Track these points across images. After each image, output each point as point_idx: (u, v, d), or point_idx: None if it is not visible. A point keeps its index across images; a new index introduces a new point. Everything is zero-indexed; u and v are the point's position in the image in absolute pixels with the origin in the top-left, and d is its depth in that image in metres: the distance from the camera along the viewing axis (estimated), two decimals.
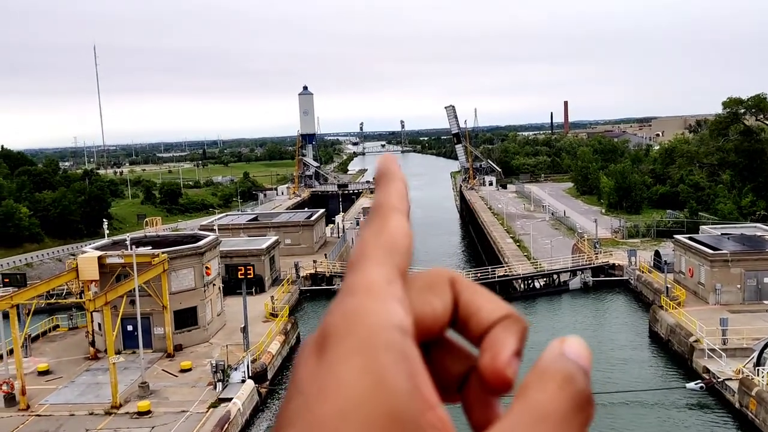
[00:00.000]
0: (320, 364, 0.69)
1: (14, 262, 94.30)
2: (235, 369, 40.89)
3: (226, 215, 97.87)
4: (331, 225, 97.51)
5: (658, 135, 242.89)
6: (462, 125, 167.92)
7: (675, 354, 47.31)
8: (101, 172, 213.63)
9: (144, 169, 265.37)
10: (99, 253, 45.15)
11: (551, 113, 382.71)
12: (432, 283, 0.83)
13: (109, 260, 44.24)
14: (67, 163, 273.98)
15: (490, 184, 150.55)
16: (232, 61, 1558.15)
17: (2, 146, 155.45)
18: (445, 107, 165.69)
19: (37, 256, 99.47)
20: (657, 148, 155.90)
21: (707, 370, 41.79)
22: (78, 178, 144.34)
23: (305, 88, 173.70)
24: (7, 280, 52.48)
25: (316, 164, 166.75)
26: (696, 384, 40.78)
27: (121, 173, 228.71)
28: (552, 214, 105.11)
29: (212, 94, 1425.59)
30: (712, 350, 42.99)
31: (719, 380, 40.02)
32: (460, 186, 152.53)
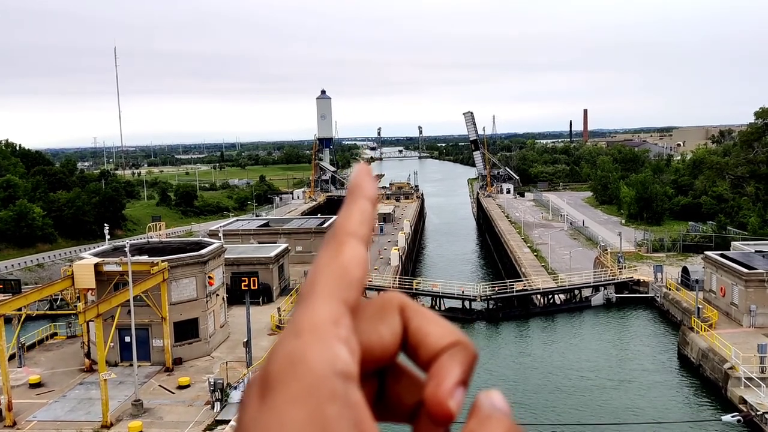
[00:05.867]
0: (263, 408, 0.68)
1: (26, 262, 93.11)
2: (235, 388, 38.35)
3: (237, 220, 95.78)
4: None
5: (679, 145, 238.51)
6: (480, 132, 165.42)
7: (707, 381, 43.99)
8: (119, 172, 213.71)
9: (162, 171, 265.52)
10: (96, 260, 42.93)
11: (570, 121, 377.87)
12: (381, 310, 0.83)
13: (106, 268, 42.02)
14: (86, 164, 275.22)
15: (508, 191, 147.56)
16: (252, 65, 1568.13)
17: (19, 145, 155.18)
18: (464, 113, 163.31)
19: (50, 256, 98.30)
20: (678, 158, 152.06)
21: (744, 401, 38.51)
22: (95, 178, 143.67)
23: (323, 92, 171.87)
24: (0, 286, 50.56)
25: (332, 169, 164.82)
26: (733, 417, 37.44)
27: (139, 174, 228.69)
28: (570, 223, 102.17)
29: (232, 96, 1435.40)
30: (750, 379, 39.70)
31: (759, 413, 36.73)
32: (477, 193, 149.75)
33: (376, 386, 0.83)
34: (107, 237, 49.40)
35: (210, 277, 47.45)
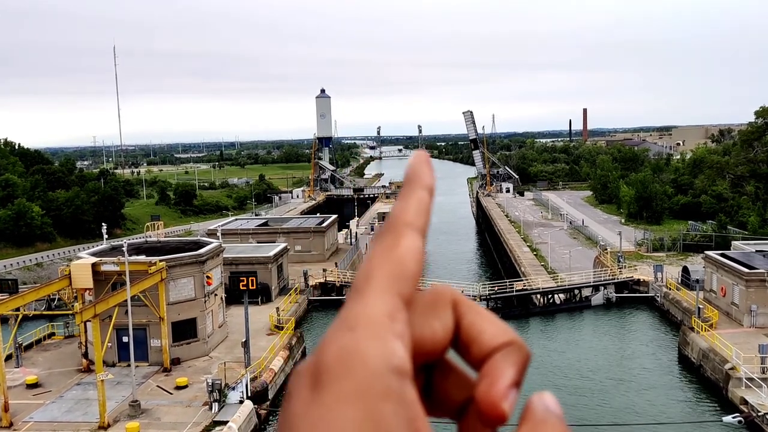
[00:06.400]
0: (315, 402, 0.67)
1: (25, 261, 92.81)
2: (233, 388, 38.12)
3: (236, 219, 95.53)
4: (345, 230, 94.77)
5: (678, 144, 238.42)
6: (479, 131, 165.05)
7: (708, 382, 43.78)
8: (118, 172, 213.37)
9: (161, 170, 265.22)
10: (94, 259, 42.68)
11: (570, 120, 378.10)
12: (434, 303, 0.81)
13: (103, 267, 41.76)
14: (85, 163, 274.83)
15: (507, 191, 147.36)
16: (252, 64, 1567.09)
17: (18, 144, 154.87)
18: (463, 113, 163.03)
19: (48, 255, 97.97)
20: (677, 157, 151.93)
21: (745, 402, 38.30)
22: (94, 177, 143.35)
23: (323, 91, 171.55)
24: None
25: (332, 168, 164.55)
26: (734, 417, 37.25)
27: (138, 173, 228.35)
28: (570, 222, 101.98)
29: (231, 95, 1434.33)
30: (750, 379, 39.49)
31: (760, 414, 36.52)
32: (477, 192, 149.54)
33: (423, 381, 0.82)
34: (105, 236, 49.17)
35: (208, 277, 47.21)
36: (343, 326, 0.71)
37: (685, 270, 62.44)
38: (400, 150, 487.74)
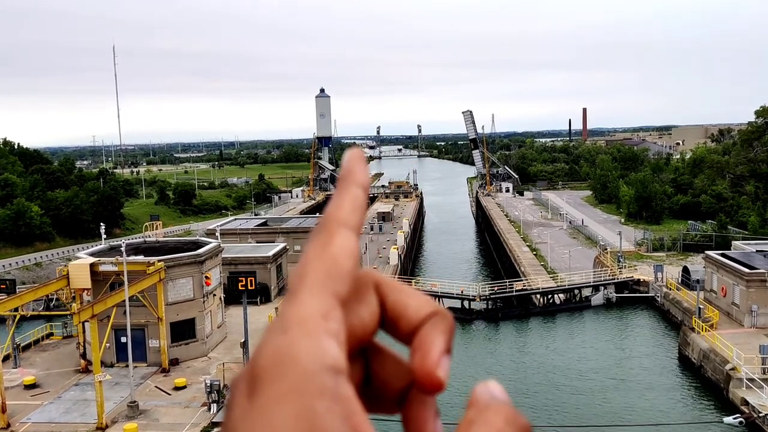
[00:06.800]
0: (252, 406, 0.67)
1: (24, 261, 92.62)
2: None
3: (235, 219, 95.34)
4: None
5: (678, 144, 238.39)
6: (479, 131, 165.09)
7: (708, 382, 43.62)
8: (118, 171, 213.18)
9: (161, 169, 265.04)
10: (92, 259, 42.51)
11: (569, 120, 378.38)
12: (358, 290, 0.82)
13: (102, 268, 41.59)
14: (85, 162, 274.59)
15: (507, 190, 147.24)
16: (252, 63, 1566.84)
17: (18, 144, 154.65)
18: (463, 112, 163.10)
19: (47, 255, 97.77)
20: (677, 157, 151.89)
21: (746, 403, 38.14)
22: (93, 177, 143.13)
23: (322, 90, 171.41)
24: None
25: (331, 167, 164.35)
26: (734, 418, 37.13)
27: (138, 173, 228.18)
28: (570, 222, 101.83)
29: (231, 95, 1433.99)
30: (751, 380, 39.34)
31: (761, 415, 36.36)
32: (477, 192, 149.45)
33: (363, 368, 0.83)
34: (103, 236, 48.98)
35: (207, 277, 47.03)
36: (277, 328, 0.72)
37: (686, 270, 62.28)
38: (399, 150, 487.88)
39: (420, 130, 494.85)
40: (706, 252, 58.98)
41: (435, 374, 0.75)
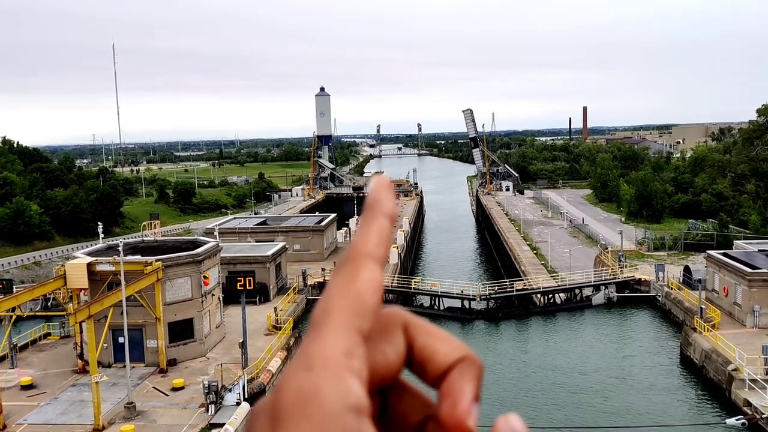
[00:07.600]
0: None
1: (23, 260, 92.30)
2: (230, 390, 37.61)
3: (234, 218, 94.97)
4: (344, 229, 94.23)
5: (678, 142, 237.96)
6: (479, 129, 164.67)
7: (710, 383, 43.27)
8: (117, 170, 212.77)
9: (161, 168, 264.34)
10: (89, 259, 42.15)
11: (570, 119, 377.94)
12: (385, 328, 0.82)
13: (99, 267, 41.24)
14: (84, 161, 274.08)
15: (507, 189, 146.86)
16: (252, 62, 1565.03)
17: (17, 142, 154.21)
18: (463, 111, 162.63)
19: (47, 254, 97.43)
20: (678, 155, 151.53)
21: (749, 404, 37.79)
22: (93, 176, 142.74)
23: (322, 89, 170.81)
24: None
25: (331, 166, 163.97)
26: (737, 420, 36.79)
27: (137, 171, 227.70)
28: (570, 221, 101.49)
29: (231, 93, 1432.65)
30: (754, 381, 38.99)
31: (763, 416, 36.03)
32: (477, 191, 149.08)
33: (379, 404, 0.83)
34: (101, 235, 48.59)
35: (205, 277, 46.68)
36: (300, 366, 0.71)
37: (687, 269, 61.95)
38: (399, 148, 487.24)
39: (420, 129, 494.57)
40: (708, 251, 58.63)
41: (465, 424, 0.75)
